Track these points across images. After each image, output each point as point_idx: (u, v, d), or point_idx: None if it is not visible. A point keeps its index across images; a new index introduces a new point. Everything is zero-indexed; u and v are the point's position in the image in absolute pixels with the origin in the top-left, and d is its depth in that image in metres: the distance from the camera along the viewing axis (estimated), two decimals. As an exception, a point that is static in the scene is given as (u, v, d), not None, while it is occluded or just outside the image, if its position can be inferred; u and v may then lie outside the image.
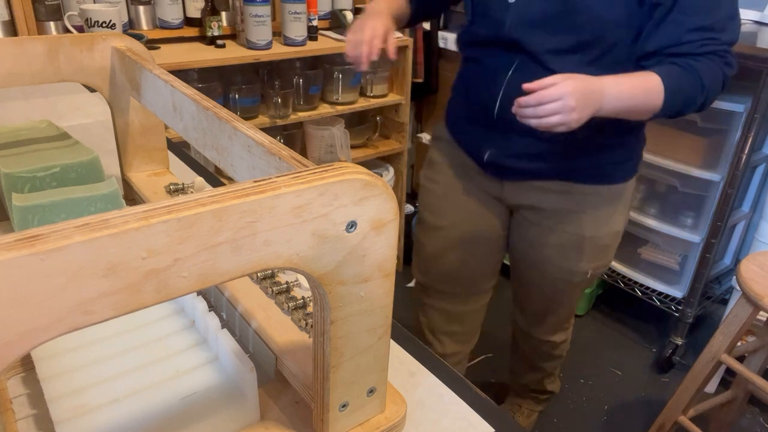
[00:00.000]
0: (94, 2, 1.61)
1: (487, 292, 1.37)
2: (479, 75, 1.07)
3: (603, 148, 1.06)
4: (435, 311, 1.37)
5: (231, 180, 1.43)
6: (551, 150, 1.04)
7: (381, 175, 2.23)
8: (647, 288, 2.00)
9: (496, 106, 1.03)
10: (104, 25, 1.47)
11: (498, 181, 1.15)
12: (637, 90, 0.90)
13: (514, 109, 0.86)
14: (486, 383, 1.87)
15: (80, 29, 1.55)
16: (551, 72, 0.87)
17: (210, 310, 0.54)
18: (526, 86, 0.84)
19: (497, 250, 1.28)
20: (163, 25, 1.76)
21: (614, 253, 1.22)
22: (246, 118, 1.59)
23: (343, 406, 0.46)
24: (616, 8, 0.92)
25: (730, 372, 1.62)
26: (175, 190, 0.76)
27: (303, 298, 0.55)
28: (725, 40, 0.93)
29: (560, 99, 0.82)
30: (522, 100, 0.85)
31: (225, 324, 0.57)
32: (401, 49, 2.07)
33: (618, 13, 0.93)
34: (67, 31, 1.60)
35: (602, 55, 0.96)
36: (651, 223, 1.93)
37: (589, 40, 0.94)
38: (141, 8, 1.73)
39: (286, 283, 0.57)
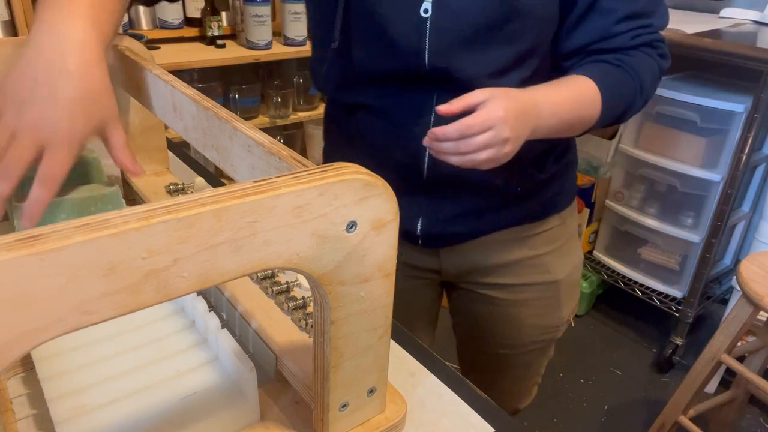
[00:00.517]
0: (94, 2, 1.60)
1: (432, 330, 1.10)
2: (384, 127, 0.77)
3: (552, 178, 0.86)
4: None
5: (231, 180, 1.42)
6: (501, 199, 0.83)
7: (381, 175, 2.23)
8: (647, 288, 2.00)
9: (425, 164, 0.76)
10: (104, 25, 1.46)
11: (434, 251, 0.89)
12: (572, 103, 0.72)
13: (425, 142, 0.64)
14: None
15: (80, 29, 1.55)
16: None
17: (210, 310, 0.54)
18: (442, 109, 0.62)
19: (430, 324, 1.04)
20: (163, 25, 1.76)
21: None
22: (246, 118, 1.59)
23: (343, 406, 0.46)
24: (550, 4, 0.73)
25: (730, 372, 1.62)
26: (175, 190, 0.76)
27: (303, 298, 0.55)
28: (657, 26, 0.77)
29: (491, 129, 0.61)
30: (439, 131, 0.61)
31: (225, 324, 0.57)
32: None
33: (552, 7, 0.73)
34: (67, 31, 1.60)
35: (539, 66, 0.76)
36: (651, 223, 1.93)
37: (528, 49, 0.73)
38: (141, 8, 1.73)
39: (286, 283, 0.57)
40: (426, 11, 0.68)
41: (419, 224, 0.83)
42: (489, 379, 1.06)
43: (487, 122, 0.61)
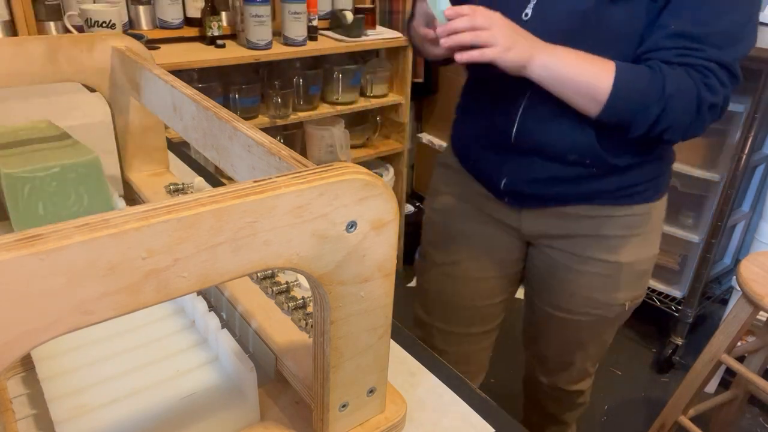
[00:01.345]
0: (94, 2, 1.61)
1: (494, 330, 1.22)
2: (491, 96, 0.95)
3: (630, 167, 0.93)
4: (438, 351, 1.18)
5: (231, 180, 1.43)
6: (575, 173, 0.92)
7: (381, 175, 2.23)
8: (647, 288, 2.00)
9: (514, 130, 0.91)
10: (104, 25, 1.47)
11: (516, 209, 1.01)
12: (580, 61, 0.79)
13: (439, 30, 0.79)
14: (486, 383, 1.87)
15: (80, 29, 1.55)
16: None
17: (210, 310, 0.54)
18: (447, 12, 0.78)
19: (508, 286, 1.14)
20: (163, 25, 1.76)
21: (649, 279, 1.09)
22: (246, 118, 1.59)
23: (343, 406, 0.46)
24: (636, 22, 0.81)
25: (730, 372, 1.62)
26: (175, 190, 0.76)
27: (303, 298, 0.55)
28: (713, 57, 0.77)
29: (483, 15, 0.77)
30: (450, 12, 0.78)
31: (225, 324, 0.57)
32: (401, 50, 2.07)
33: (635, 26, 0.81)
34: (67, 31, 1.60)
35: None
36: (651, 223, 1.93)
37: (611, 57, 0.81)
38: (141, 8, 1.73)
39: (286, 283, 0.57)
40: (526, 15, 0.86)
41: (504, 180, 0.97)
42: (545, 346, 1.17)
43: (478, 8, 0.78)
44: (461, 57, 0.78)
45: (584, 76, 0.79)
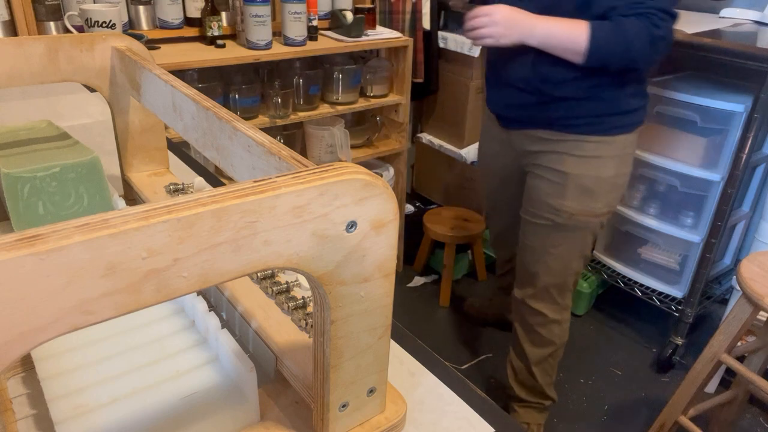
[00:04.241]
0: (94, 2, 1.61)
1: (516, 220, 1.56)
2: (493, 52, 1.39)
3: (579, 100, 1.27)
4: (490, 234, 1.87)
5: (231, 180, 1.43)
6: (532, 101, 1.31)
7: (381, 175, 2.23)
8: (647, 288, 2.00)
9: (495, 70, 1.38)
10: (104, 25, 1.47)
11: (505, 129, 1.45)
12: (564, 27, 1.17)
13: (466, 26, 1.26)
14: (486, 383, 1.87)
15: (80, 29, 1.55)
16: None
17: (210, 310, 0.54)
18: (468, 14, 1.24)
19: (515, 185, 1.52)
20: (163, 25, 1.76)
21: (604, 204, 1.35)
22: (246, 118, 1.59)
23: (343, 406, 0.46)
24: None
25: (730, 372, 1.62)
26: (175, 190, 0.76)
27: (303, 298, 0.55)
28: (651, 5, 1.11)
29: (488, 14, 1.19)
30: (469, 15, 1.23)
31: (225, 324, 0.57)
32: (401, 49, 2.07)
33: None
34: (67, 31, 1.60)
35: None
36: (651, 223, 1.93)
37: (564, 11, 1.20)
38: (141, 8, 1.73)
39: (286, 283, 0.57)
40: None
41: (494, 107, 1.45)
42: (520, 250, 1.51)
43: (486, 10, 1.21)
44: (475, 43, 1.28)
45: (566, 37, 1.17)
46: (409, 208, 2.56)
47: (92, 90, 1.37)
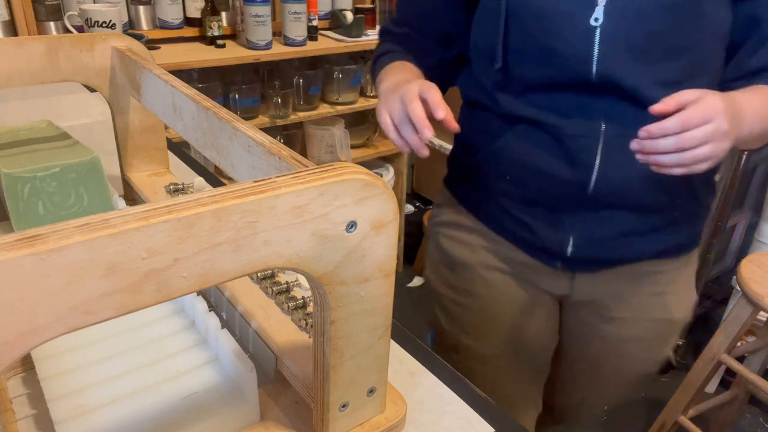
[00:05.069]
0: (94, 2, 1.61)
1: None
2: (549, 140, 0.74)
3: (699, 210, 0.83)
4: None
5: (231, 180, 1.42)
6: (659, 222, 0.78)
7: (381, 175, 2.23)
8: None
9: (593, 178, 0.72)
10: (104, 25, 1.47)
11: (569, 275, 0.83)
12: (766, 105, 0.67)
13: (633, 146, 0.61)
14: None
15: (80, 29, 1.55)
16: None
17: (210, 310, 0.54)
18: (656, 108, 0.59)
19: (547, 356, 0.97)
20: (163, 25, 1.76)
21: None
22: (246, 118, 1.59)
23: (343, 406, 0.46)
24: (726, 19, 0.70)
25: (730, 372, 1.62)
26: (175, 190, 0.76)
27: (303, 298, 0.55)
28: None
29: (710, 121, 0.58)
30: (654, 128, 0.59)
31: (225, 324, 0.57)
32: (401, 49, 2.07)
33: (725, 24, 0.70)
34: (67, 31, 1.60)
35: (709, 84, 0.70)
36: (651, 223, 1.93)
37: (698, 63, 0.70)
38: (141, 8, 1.73)
39: (286, 283, 0.57)
40: (596, 20, 0.68)
41: (571, 243, 0.78)
42: (580, 397, 1.05)
43: (708, 114, 0.58)
44: (660, 170, 0.61)
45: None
46: (409, 208, 2.56)
47: (92, 90, 1.37)
